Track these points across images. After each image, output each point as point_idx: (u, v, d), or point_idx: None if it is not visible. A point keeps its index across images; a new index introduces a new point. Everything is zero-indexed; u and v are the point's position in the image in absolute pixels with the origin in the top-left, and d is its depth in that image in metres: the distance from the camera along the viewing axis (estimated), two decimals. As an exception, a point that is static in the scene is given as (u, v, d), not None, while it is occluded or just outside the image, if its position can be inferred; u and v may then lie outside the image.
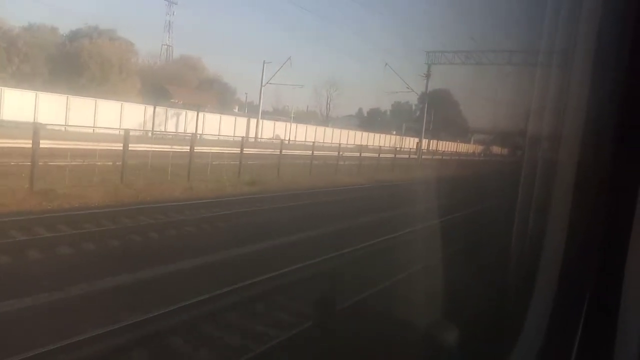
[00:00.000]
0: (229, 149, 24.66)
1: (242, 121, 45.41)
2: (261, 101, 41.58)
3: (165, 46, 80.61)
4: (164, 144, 22.65)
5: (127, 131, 13.31)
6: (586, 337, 1.71)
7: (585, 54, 1.85)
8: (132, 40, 59.46)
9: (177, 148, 21.32)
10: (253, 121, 46.02)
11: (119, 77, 56.42)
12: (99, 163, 14.55)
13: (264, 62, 40.52)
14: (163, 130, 31.61)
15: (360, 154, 28.11)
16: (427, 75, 37.09)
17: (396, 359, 4.82)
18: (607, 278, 1.67)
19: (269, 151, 26.02)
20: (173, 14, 75.17)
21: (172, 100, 32.28)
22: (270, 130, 44.74)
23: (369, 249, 9.51)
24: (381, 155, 32.73)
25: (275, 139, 42.58)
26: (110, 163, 14.32)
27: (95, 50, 54.62)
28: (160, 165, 16.01)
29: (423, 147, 57.00)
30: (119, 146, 16.30)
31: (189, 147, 24.75)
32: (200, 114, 36.84)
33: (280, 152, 21.58)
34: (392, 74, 39.80)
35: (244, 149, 20.78)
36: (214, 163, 17.79)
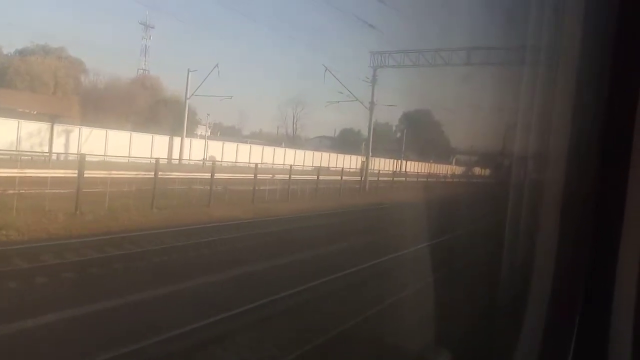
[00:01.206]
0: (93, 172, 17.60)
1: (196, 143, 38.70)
2: (186, 115, 34.56)
3: (142, 70, 74.58)
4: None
5: None
6: (578, 355, 1.66)
7: (569, 73, 1.84)
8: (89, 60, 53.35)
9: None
10: (199, 141, 39.21)
11: (52, 97, 49.71)
12: None
13: (188, 71, 33.72)
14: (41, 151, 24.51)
15: (264, 177, 20.89)
16: (373, 81, 29.96)
17: None
18: (597, 296, 1.64)
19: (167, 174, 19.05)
20: (149, 38, 69.07)
21: (20, 110, 25.35)
22: (211, 151, 37.66)
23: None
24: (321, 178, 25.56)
25: (210, 160, 35.42)
26: None
27: (24, 68, 48.02)
28: None
29: (387, 169, 50.09)
30: None
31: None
32: (102, 131, 29.86)
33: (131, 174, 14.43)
34: (334, 82, 32.98)
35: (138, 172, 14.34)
36: None
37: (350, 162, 53.07)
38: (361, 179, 28.07)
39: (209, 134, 75.02)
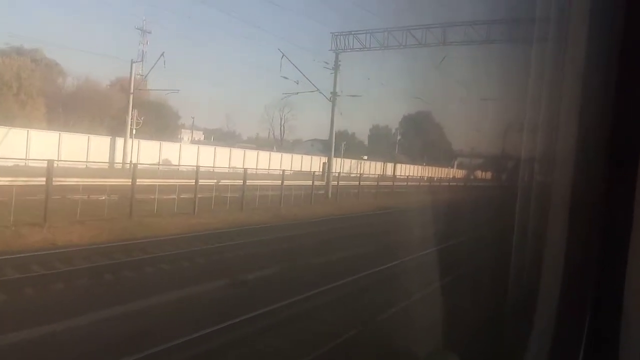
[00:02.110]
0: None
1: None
2: (131, 112, 29.92)
3: (139, 76, 71.20)
4: None
5: None
6: (589, 358, 1.64)
7: (576, 71, 1.80)
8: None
9: None
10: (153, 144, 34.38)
11: (15, 99, 45.83)
12: None
13: (131, 62, 29.05)
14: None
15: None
16: (335, 67, 24.69)
17: None
18: (607, 298, 1.61)
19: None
20: (147, 44, 65.46)
21: None
22: (166, 155, 32.98)
23: None
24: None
25: (164, 164, 30.75)
26: None
27: (-22, 68, 44.36)
28: None
29: (375, 172, 45.18)
30: None
31: None
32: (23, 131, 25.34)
33: None
34: (292, 70, 27.86)
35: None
36: None
37: (341, 167, 47.74)
38: (312, 184, 22.70)
39: (203, 138, 71.30)
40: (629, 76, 1.57)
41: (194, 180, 16.78)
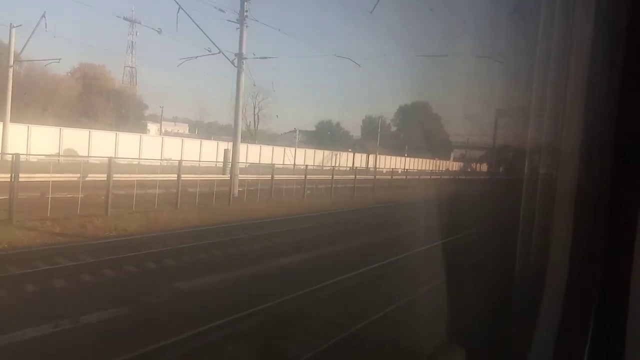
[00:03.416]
0: None
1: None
2: (10, 89, 24.13)
3: (129, 68, 66.92)
4: None
5: None
6: (594, 354, 1.66)
7: (580, 69, 1.78)
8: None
9: None
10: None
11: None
12: None
13: (10, 26, 23.17)
14: None
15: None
16: (240, 19, 18.08)
17: None
18: (613, 294, 1.62)
19: None
20: (136, 34, 61.38)
21: None
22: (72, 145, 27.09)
23: None
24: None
25: (66, 155, 25.47)
26: None
27: None
28: None
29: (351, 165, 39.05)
30: None
31: None
32: None
33: None
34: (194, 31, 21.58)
35: None
36: None
37: (313, 159, 42.27)
38: (231, 177, 16.21)
39: (188, 130, 65.97)
40: (636, 67, 1.53)
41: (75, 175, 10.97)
